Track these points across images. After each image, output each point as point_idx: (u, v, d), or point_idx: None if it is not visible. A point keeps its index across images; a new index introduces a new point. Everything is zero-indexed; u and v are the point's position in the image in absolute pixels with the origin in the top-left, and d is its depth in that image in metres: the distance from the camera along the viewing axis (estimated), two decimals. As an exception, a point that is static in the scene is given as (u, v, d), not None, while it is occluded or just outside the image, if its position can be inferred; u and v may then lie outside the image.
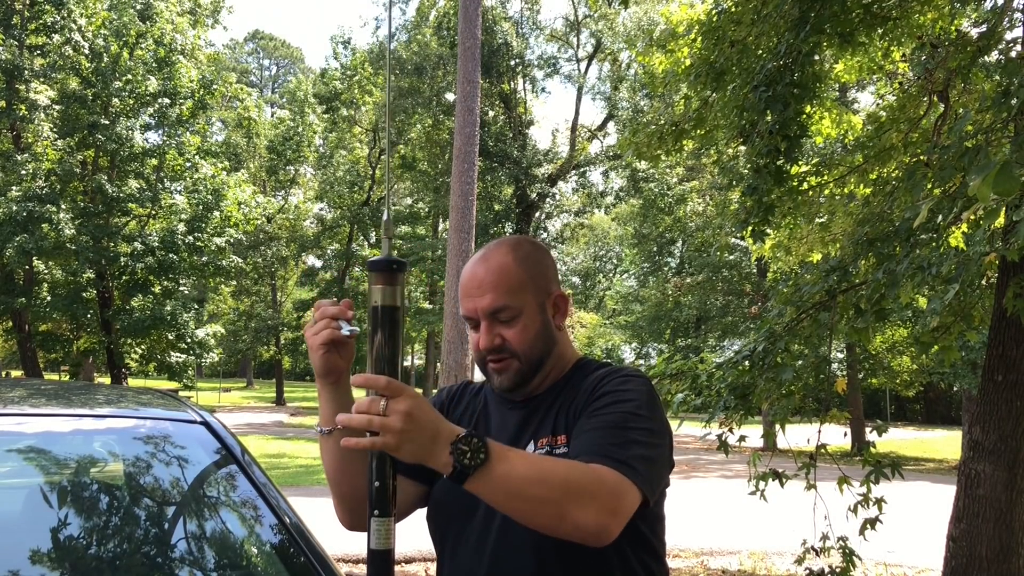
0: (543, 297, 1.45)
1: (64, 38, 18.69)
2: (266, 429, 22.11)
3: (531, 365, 1.43)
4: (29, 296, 18.85)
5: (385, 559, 1.16)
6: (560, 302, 1.48)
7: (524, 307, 1.42)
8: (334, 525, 1.53)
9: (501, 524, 1.37)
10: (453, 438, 1.13)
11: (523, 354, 1.42)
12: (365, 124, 34.92)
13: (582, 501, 1.17)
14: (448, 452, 1.12)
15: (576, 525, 1.17)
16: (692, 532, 8.26)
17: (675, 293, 26.60)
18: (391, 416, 1.09)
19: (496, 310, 1.41)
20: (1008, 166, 1.82)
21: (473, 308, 1.42)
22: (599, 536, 1.19)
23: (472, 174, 12.67)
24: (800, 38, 4.41)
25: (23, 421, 1.98)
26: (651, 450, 1.30)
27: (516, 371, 1.43)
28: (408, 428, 1.09)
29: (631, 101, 26.76)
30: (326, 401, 1.37)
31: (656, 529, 1.43)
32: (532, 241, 1.54)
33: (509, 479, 1.15)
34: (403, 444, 1.10)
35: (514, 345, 1.42)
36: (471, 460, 1.12)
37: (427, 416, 1.12)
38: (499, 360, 1.43)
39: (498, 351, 1.42)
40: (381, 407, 1.09)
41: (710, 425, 4.51)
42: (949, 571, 4.51)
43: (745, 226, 4.99)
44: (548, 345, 1.45)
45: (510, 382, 1.44)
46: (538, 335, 1.43)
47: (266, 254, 32.77)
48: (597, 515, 1.18)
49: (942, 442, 21.90)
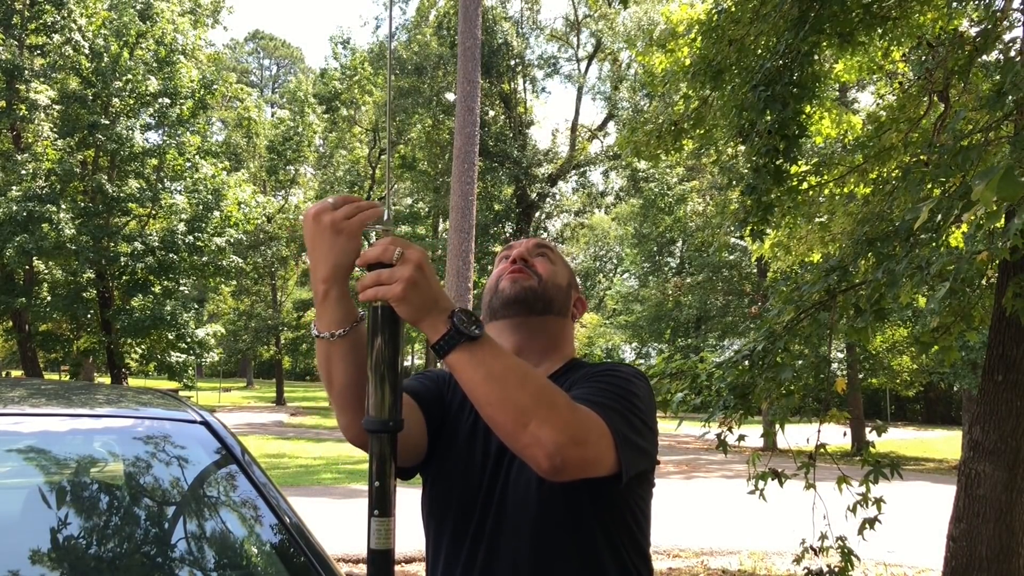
0: (572, 281, 1.57)
1: (64, 38, 18.68)
2: (266, 429, 22.11)
3: (545, 291, 1.49)
4: (29, 296, 18.84)
5: (385, 559, 1.16)
6: (579, 303, 1.58)
7: (559, 268, 1.54)
8: (334, 525, 1.53)
9: (496, 517, 1.37)
10: (454, 307, 1.15)
11: (545, 279, 1.50)
12: (365, 124, 34.93)
13: (552, 415, 1.12)
14: (447, 316, 1.13)
15: (536, 437, 1.11)
16: (692, 532, 8.26)
17: (675, 293, 26.61)
18: (403, 265, 1.10)
19: (542, 247, 1.55)
20: (1011, 170, 1.83)
21: (519, 246, 1.53)
22: (555, 459, 1.12)
23: (472, 174, 12.67)
24: (799, 37, 4.41)
25: (23, 421, 1.98)
26: (637, 423, 1.29)
27: (529, 287, 1.48)
28: (417, 280, 1.10)
29: (631, 101, 26.77)
30: (335, 300, 1.22)
31: (644, 528, 1.43)
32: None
33: (495, 361, 1.14)
34: (408, 295, 1.10)
35: (542, 273, 1.50)
36: (467, 327, 1.13)
37: (434, 277, 1.14)
38: (521, 271, 1.49)
39: (525, 264, 1.51)
40: (396, 255, 1.10)
41: (709, 424, 4.51)
42: (949, 571, 4.51)
43: (744, 225, 4.99)
44: (561, 305, 1.52)
45: (519, 291, 1.48)
46: (559, 287, 1.52)
47: (266, 254, 32.74)
48: (559, 435, 1.11)
49: (942, 442, 21.90)
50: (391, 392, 1.18)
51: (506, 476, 1.38)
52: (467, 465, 1.42)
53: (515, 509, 1.36)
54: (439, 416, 1.46)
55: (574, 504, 1.34)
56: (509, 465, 1.38)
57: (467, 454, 1.43)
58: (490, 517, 1.38)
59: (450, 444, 1.45)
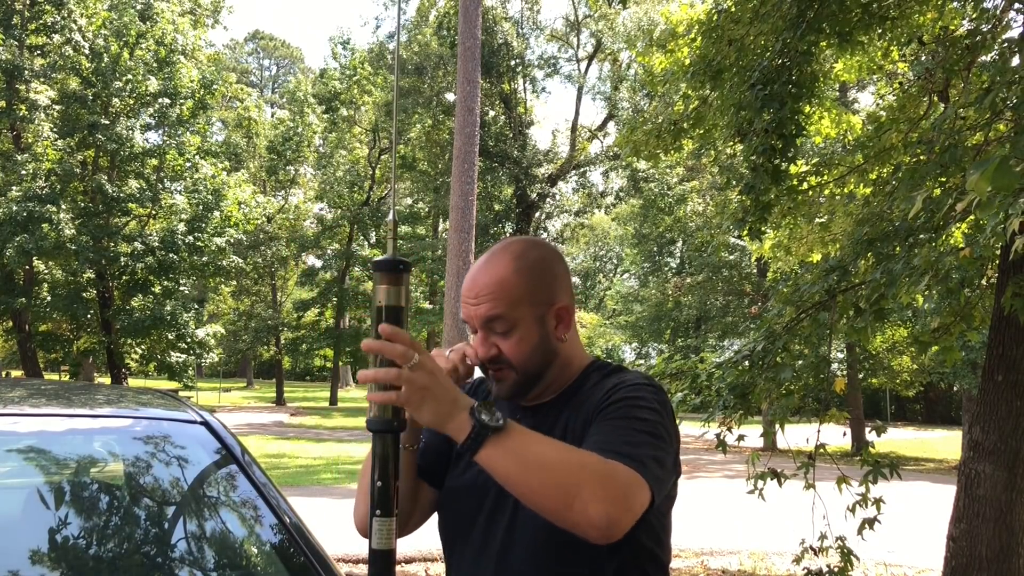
0: (543, 309, 1.40)
1: (64, 38, 18.69)
2: (266, 429, 22.10)
3: (528, 378, 1.40)
4: (29, 296, 18.85)
5: (387, 559, 1.16)
6: (563, 313, 1.42)
7: (520, 319, 1.38)
8: (334, 525, 1.54)
9: (507, 527, 1.37)
10: (472, 402, 1.15)
11: (519, 367, 1.39)
12: (365, 124, 34.93)
13: (594, 489, 1.13)
14: (467, 415, 1.13)
15: (585, 514, 1.12)
16: (692, 532, 8.26)
17: (675, 293, 26.59)
18: (418, 372, 1.10)
19: (490, 319, 1.38)
20: (1007, 160, 1.83)
21: (469, 316, 1.41)
22: (607, 530, 1.13)
23: (472, 174, 12.68)
24: (797, 36, 4.41)
25: (24, 421, 1.98)
26: (661, 452, 1.29)
27: (513, 382, 1.41)
28: (432, 386, 1.11)
29: (631, 101, 26.76)
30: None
31: (663, 540, 1.43)
32: (543, 246, 1.48)
33: (526, 450, 1.14)
34: (426, 402, 1.11)
35: (510, 357, 1.39)
36: (491, 420, 1.13)
37: (449, 381, 1.15)
38: (496, 369, 1.41)
39: (494, 361, 1.40)
40: (412, 361, 1.10)
41: (709, 424, 4.51)
42: (949, 571, 4.51)
43: (743, 225, 4.99)
44: (547, 358, 1.41)
45: (508, 392, 1.42)
46: (535, 348, 1.39)
47: (266, 254, 32.73)
48: (608, 507, 1.12)
49: (942, 442, 21.90)
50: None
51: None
52: (474, 485, 1.42)
53: (524, 527, 1.35)
54: (444, 465, 1.50)
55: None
56: None
57: (474, 475, 1.42)
58: (499, 528, 1.38)
59: (456, 466, 1.48)
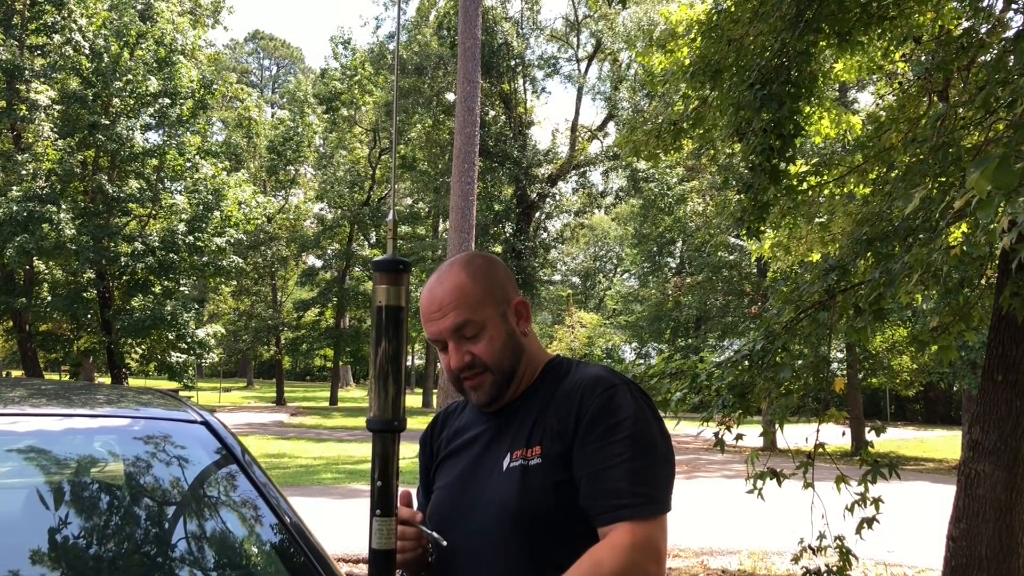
0: (503, 307, 1.47)
1: (64, 38, 18.68)
2: (266, 429, 22.11)
3: (504, 375, 1.44)
4: (29, 296, 18.84)
5: (387, 559, 1.17)
6: (521, 308, 1.50)
7: (487, 320, 1.44)
8: (334, 525, 1.54)
9: (465, 531, 1.41)
10: None
11: (495, 366, 1.43)
12: (365, 124, 34.93)
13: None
14: None
15: None
16: (692, 532, 8.26)
17: (675, 293, 26.59)
18: None
19: (460, 327, 1.42)
20: (1007, 159, 1.82)
21: (438, 331, 1.44)
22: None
23: (472, 174, 12.68)
24: (796, 36, 4.41)
25: (24, 421, 1.98)
26: (664, 466, 1.34)
27: (491, 384, 1.44)
28: None
29: (631, 101, 26.76)
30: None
31: None
32: (481, 254, 1.57)
33: None
34: None
35: (484, 359, 1.43)
36: None
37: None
38: (473, 376, 1.44)
39: (470, 368, 1.44)
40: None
41: (707, 424, 4.51)
42: (949, 571, 4.51)
43: (741, 224, 4.99)
44: (517, 352, 1.46)
45: (487, 396, 1.45)
46: (505, 345, 1.45)
47: (266, 254, 32.75)
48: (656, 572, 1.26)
49: (942, 442, 21.89)
50: (395, 392, 1.19)
51: (497, 499, 1.41)
52: (455, 489, 1.47)
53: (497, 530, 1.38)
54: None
55: (571, 527, 1.36)
56: (495, 488, 1.41)
57: (459, 482, 1.48)
58: (485, 526, 1.40)
59: (444, 478, 1.53)
